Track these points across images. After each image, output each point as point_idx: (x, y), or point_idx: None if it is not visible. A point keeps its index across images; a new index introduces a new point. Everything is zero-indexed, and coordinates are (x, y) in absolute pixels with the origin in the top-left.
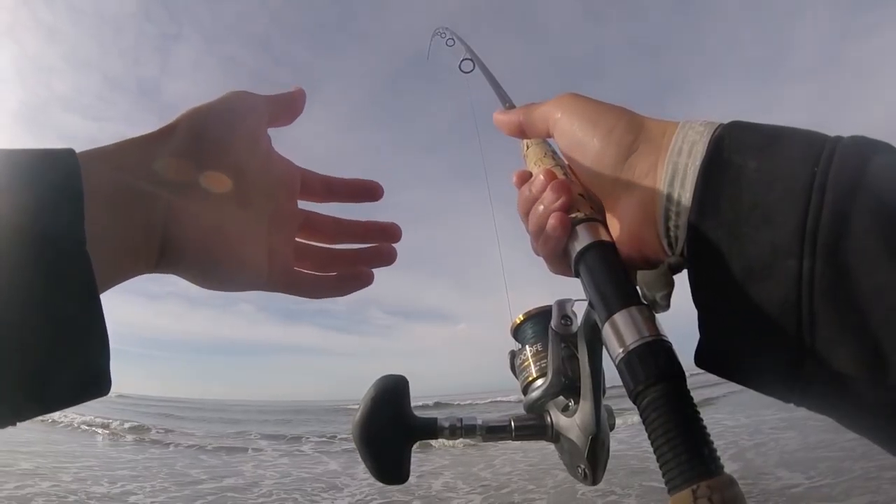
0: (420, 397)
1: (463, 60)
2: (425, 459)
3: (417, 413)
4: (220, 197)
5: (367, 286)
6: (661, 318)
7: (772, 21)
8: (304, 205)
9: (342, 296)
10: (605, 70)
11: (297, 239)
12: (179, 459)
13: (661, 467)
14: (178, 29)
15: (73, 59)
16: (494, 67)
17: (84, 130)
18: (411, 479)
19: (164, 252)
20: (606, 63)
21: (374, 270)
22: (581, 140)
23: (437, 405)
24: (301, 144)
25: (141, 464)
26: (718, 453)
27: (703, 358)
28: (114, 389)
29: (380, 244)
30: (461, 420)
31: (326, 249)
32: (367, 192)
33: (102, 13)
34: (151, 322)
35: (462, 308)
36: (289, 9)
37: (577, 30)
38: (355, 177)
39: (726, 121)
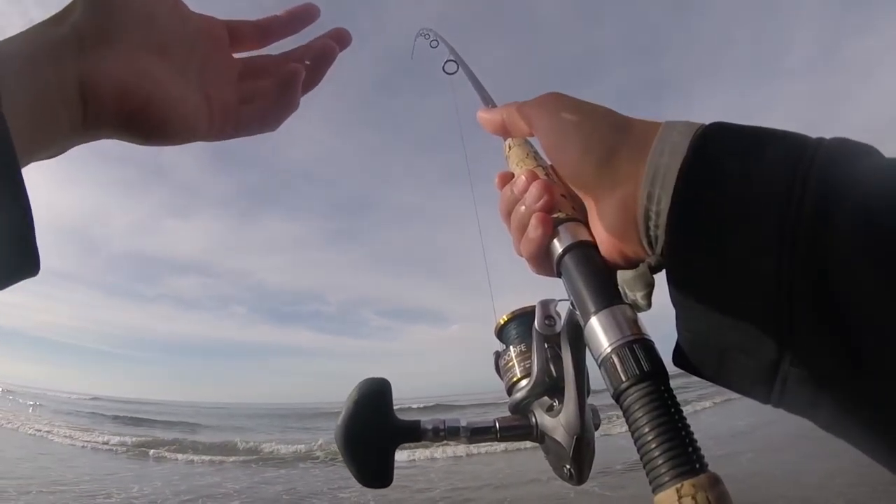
0: (418, 399)
1: (447, 62)
2: None
3: (417, 416)
4: (136, 45)
5: (314, 86)
6: (643, 317)
7: (767, 19)
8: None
9: (295, 106)
10: (601, 69)
11: (244, 85)
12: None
13: (644, 466)
14: None
15: None
16: (485, 67)
17: None
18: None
19: (87, 108)
20: (601, 62)
21: (369, 270)
22: (563, 140)
23: (437, 407)
24: (294, 142)
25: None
26: (703, 451)
27: (682, 358)
28: (114, 393)
29: (324, 45)
30: (444, 422)
31: (274, 81)
32: (303, 16)
33: None
34: (143, 324)
35: (457, 308)
36: (280, 8)
37: (572, 28)
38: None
39: (715, 120)
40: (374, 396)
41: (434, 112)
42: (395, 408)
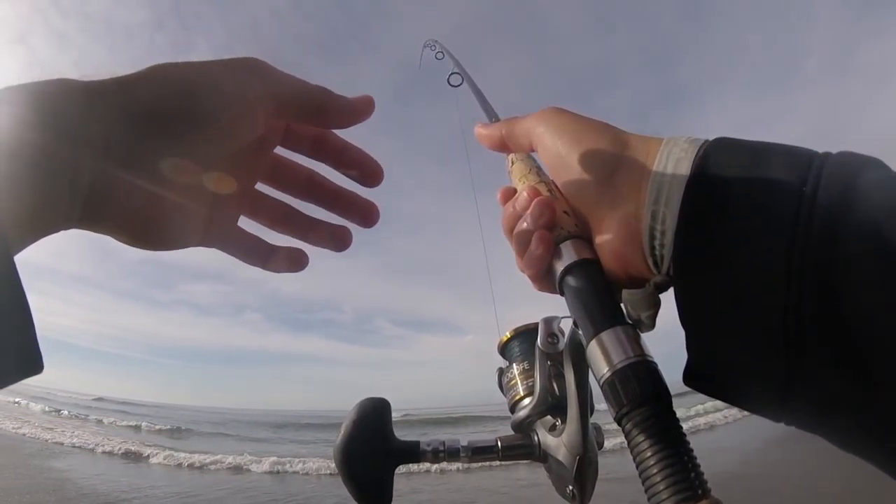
0: (428, 410)
1: (451, 74)
2: None
3: (438, 429)
4: (162, 172)
5: (298, 271)
6: (647, 336)
7: (780, 26)
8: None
9: (270, 271)
10: (614, 77)
11: (259, 185)
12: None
13: (646, 491)
14: (188, 38)
15: (85, 66)
16: (497, 76)
17: None
18: None
19: (88, 209)
20: (615, 71)
21: (384, 279)
22: (564, 157)
23: (465, 420)
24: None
25: None
26: (706, 476)
27: (692, 378)
28: (125, 396)
29: (337, 228)
30: (444, 443)
31: (284, 207)
32: (364, 170)
33: (114, 21)
34: (158, 330)
35: (471, 318)
36: (299, 19)
37: (585, 38)
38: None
39: (722, 133)
40: (373, 417)
41: (448, 120)
42: (411, 417)
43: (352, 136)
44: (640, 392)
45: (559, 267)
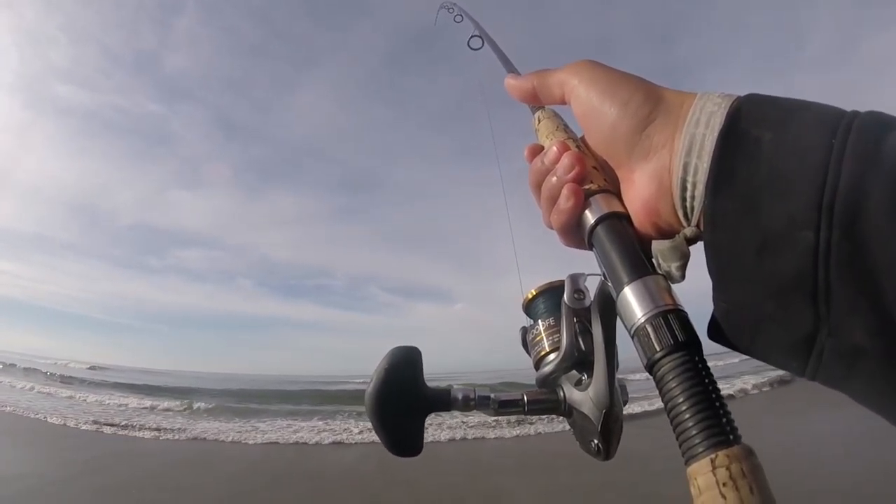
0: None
1: (472, 37)
2: None
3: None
4: None
5: None
6: (676, 290)
7: (785, 8)
8: None
9: None
10: (613, 54)
11: None
12: None
13: (677, 437)
14: (177, 0)
15: (72, 30)
16: (505, 45)
17: (80, 102)
18: None
19: None
20: (614, 47)
21: (377, 247)
22: (597, 109)
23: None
24: (302, 117)
25: None
26: (736, 423)
27: (717, 331)
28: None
29: None
30: (475, 391)
31: None
32: None
33: None
34: (149, 296)
35: (461, 287)
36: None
37: (582, 12)
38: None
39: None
40: (405, 364)
41: (445, 89)
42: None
43: (339, 100)
44: (672, 339)
45: (589, 220)
